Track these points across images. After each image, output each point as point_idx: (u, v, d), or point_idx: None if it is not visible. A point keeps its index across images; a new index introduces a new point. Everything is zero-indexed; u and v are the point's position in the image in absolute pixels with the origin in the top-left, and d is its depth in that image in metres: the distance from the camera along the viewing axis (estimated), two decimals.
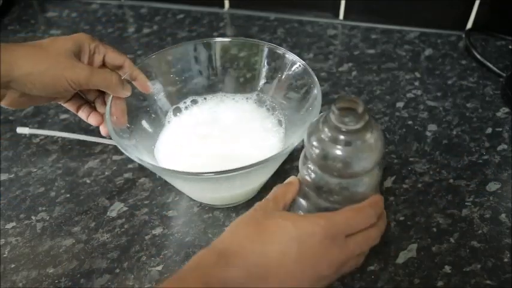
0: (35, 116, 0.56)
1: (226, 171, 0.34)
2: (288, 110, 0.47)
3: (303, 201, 0.37)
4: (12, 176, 0.49)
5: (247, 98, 0.50)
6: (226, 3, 0.73)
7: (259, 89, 0.49)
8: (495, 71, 0.58)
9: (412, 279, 0.39)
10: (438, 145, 0.50)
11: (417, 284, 0.38)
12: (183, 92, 0.49)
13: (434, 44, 0.64)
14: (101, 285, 0.39)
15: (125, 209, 0.45)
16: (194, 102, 0.49)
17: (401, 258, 0.40)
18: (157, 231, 0.43)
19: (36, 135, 0.53)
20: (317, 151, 0.32)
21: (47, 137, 0.53)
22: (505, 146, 0.49)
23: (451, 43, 0.64)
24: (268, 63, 0.48)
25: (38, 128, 0.54)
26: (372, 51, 0.64)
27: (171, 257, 0.41)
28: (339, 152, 0.31)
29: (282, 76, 0.47)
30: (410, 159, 0.48)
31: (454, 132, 0.51)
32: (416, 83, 0.58)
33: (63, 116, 0.55)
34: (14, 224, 0.44)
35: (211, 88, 0.50)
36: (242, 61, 0.49)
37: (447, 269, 0.39)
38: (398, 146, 0.50)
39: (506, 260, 0.39)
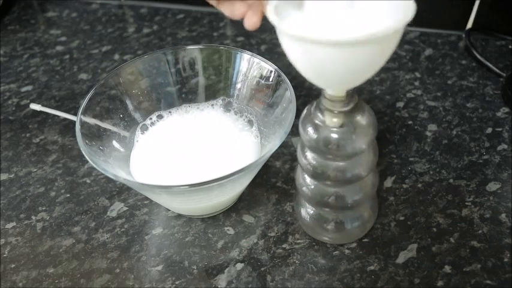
0: (35, 116, 0.56)
1: (203, 182, 0.34)
2: (260, 113, 0.46)
3: (305, 189, 0.38)
4: (12, 176, 0.49)
5: (212, 105, 0.49)
6: None
7: (225, 94, 0.48)
8: (495, 71, 0.58)
9: (412, 279, 0.39)
10: (438, 145, 0.50)
11: (417, 284, 0.38)
12: (148, 107, 0.48)
13: (434, 44, 0.64)
14: (101, 285, 0.39)
15: (125, 209, 0.45)
16: (160, 117, 0.48)
17: (401, 258, 0.40)
18: (157, 231, 0.43)
19: (36, 135, 0.53)
20: (312, 136, 0.34)
21: (46, 137, 0.53)
22: (505, 146, 0.49)
23: (451, 43, 0.64)
24: (237, 69, 0.47)
25: (39, 127, 0.54)
26: None
27: (171, 257, 0.41)
28: (332, 135, 0.33)
29: (249, 80, 0.46)
30: (410, 159, 0.48)
31: (454, 132, 0.51)
32: (416, 83, 0.58)
33: (62, 117, 0.55)
34: (14, 224, 0.44)
35: (178, 99, 0.49)
36: (211, 69, 0.48)
37: (447, 269, 0.39)
38: (399, 146, 0.50)
39: (506, 260, 0.39)
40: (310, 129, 0.34)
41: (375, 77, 0.59)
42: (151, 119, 0.47)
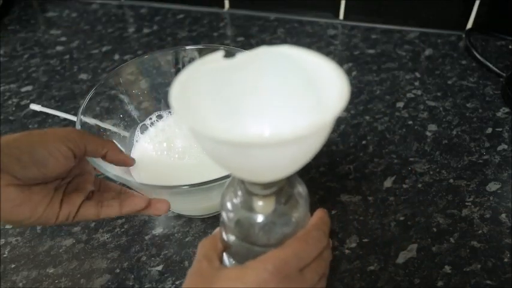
0: (35, 116, 0.56)
1: (203, 182, 0.34)
2: None
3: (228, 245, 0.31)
4: None
5: None
6: (226, 3, 0.73)
7: None
8: (495, 71, 0.58)
9: (412, 279, 0.39)
10: (438, 145, 0.50)
11: (417, 284, 0.38)
12: (148, 107, 0.48)
13: (434, 44, 0.64)
14: (101, 285, 0.39)
15: None
16: (160, 117, 0.48)
17: (401, 258, 0.40)
18: (157, 231, 0.43)
19: None
20: (230, 215, 0.28)
21: None
22: (505, 146, 0.49)
23: (451, 43, 0.64)
24: None
25: (39, 127, 0.54)
26: (372, 51, 0.64)
27: (171, 257, 0.41)
28: (259, 217, 0.27)
29: None
30: (410, 159, 0.48)
31: (454, 132, 0.51)
32: (416, 83, 0.58)
33: (62, 117, 0.55)
34: None
35: None
36: None
37: (447, 269, 0.39)
38: (398, 146, 0.50)
39: (506, 260, 0.39)
40: (230, 208, 0.28)
41: (375, 77, 0.59)
42: (151, 119, 0.47)
